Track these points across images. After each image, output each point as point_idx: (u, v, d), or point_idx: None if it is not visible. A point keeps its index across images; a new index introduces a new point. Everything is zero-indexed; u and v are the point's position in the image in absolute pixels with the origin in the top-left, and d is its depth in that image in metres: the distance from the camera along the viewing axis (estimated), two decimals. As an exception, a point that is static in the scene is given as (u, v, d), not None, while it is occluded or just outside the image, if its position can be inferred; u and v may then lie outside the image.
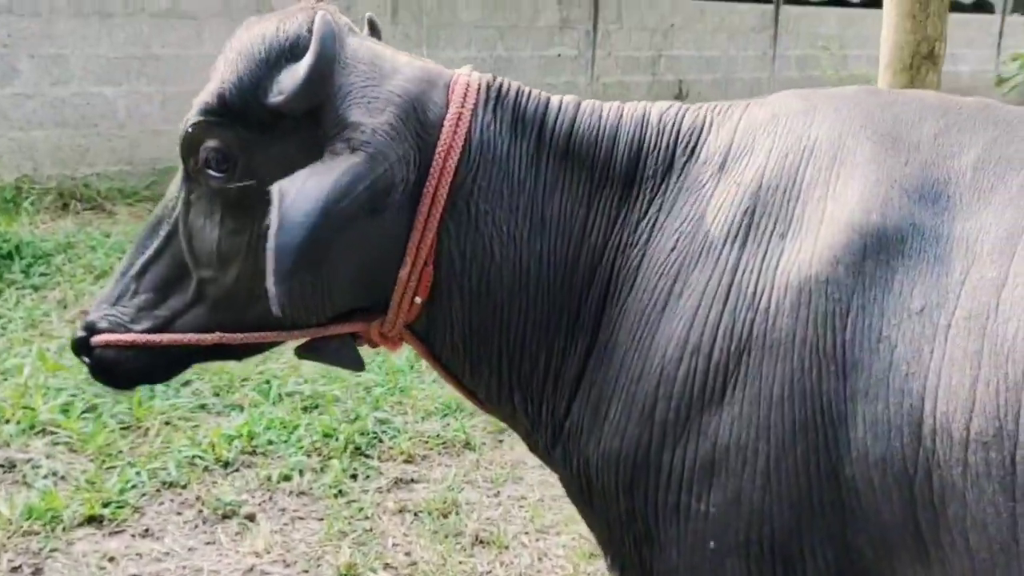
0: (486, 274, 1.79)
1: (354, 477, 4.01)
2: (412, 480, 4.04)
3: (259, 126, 1.76)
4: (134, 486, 3.80)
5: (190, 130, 1.81)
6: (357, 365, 1.95)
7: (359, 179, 1.65)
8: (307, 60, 1.68)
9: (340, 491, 3.88)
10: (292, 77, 1.70)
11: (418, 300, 1.80)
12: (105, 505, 3.65)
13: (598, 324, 1.75)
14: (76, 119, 8.26)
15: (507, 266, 1.79)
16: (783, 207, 1.57)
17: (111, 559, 3.40)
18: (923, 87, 2.80)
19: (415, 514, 3.77)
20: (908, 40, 2.83)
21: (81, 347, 1.95)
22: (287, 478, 3.95)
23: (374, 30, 2.03)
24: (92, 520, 3.60)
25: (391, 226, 1.75)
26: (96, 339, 1.92)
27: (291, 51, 1.75)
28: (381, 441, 4.29)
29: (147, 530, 3.59)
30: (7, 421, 4.13)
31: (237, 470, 4.02)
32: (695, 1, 14.28)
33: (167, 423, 4.26)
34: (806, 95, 1.72)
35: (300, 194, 1.62)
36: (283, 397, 4.56)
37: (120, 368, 1.94)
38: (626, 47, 12.54)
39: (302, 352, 1.93)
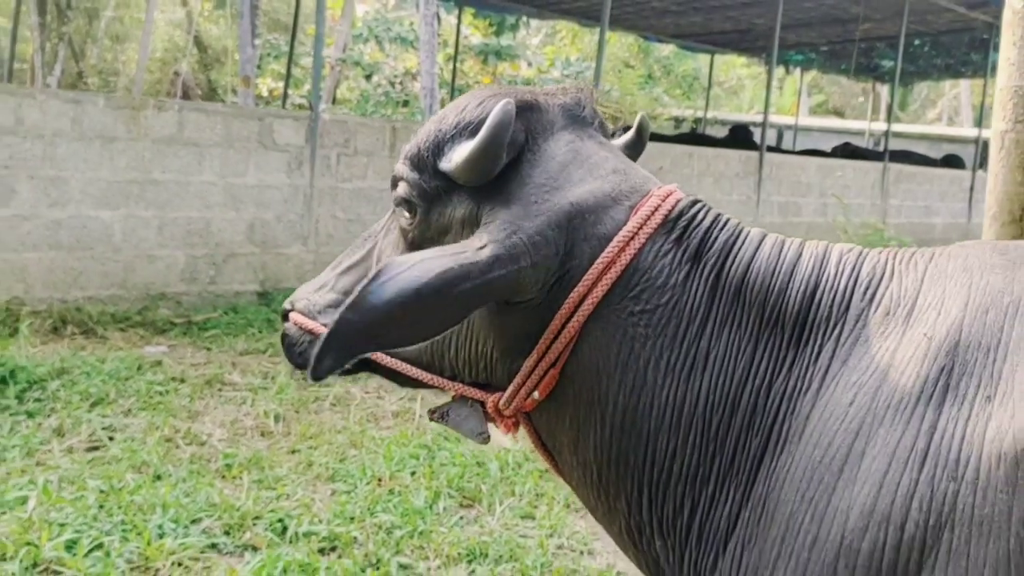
0: (634, 400, 1.68)
1: (379, 627, 3.77)
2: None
3: (438, 188, 1.83)
4: (146, 633, 3.54)
5: (397, 168, 1.91)
6: (480, 435, 1.92)
7: (467, 276, 1.62)
8: (473, 141, 1.73)
9: (366, 643, 3.63)
10: (460, 151, 1.76)
11: (536, 395, 1.76)
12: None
13: (755, 475, 1.60)
14: (71, 242, 8.13)
15: (660, 398, 1.67)
16: (988, 367, 1.42)
17: None
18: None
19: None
20: (1019, 192, 2.78)
21: (283, 316, 2.15)
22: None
23: (640, 133, 2.05)
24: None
25: (528, 320, 1.74)
26: (291, 315, 2.11)
27: (476, 128, 1.76)
28: (405, 588, 4.06)
29: None
30: (9, 558, 3.86)
31: (254, 617, 3.76)
32: (683, 146, 14.60)
33: (178, 564, 4.01)
34: (1002, 249, 1.60)
35: (398, 277, 1.59)
36: (299, 537, 4.32)
37: (296, 348, 2.08)
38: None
39: (433, 415, 1.97)
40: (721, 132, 21.42)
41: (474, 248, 1.66)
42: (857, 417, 1.48)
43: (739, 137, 18.27)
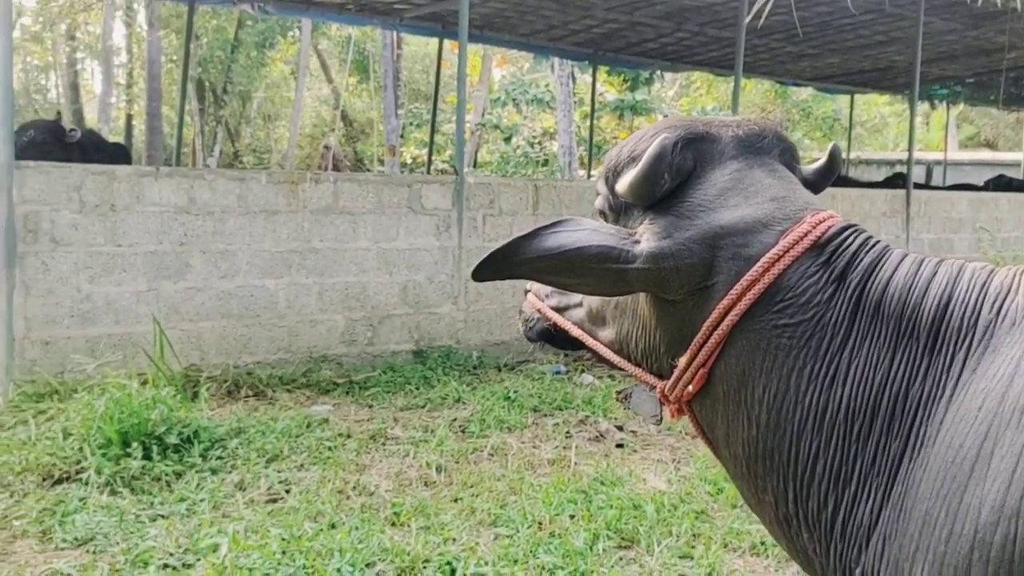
0: (778, 404, 1.85)
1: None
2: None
3: (620, 203, 2.14)
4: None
5: (597, 183, 2.25)
6: (653, 417, 2.24)
7: (615, 259, 1.94)
8: (632, 170, 2.02)
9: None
10: (626, 177, 2.04)
11: (690, 389, 2.00)
12: None
13: (895, 476, 1.73)
14: (240, 310, 8.68)
15: (803, 404, 1.83)
16: None
17: None
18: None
19: None
20: None
21: (525, 292, 2.56)
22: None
23: (832, 160, 2.24)
24: None
25: (684, 323, 2.00)
26: (528, 294, 2.53)
27: (640, 157, 2.05)
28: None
29: None
30: (205, 600, 4.20)
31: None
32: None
33: (357, 604, 4.28)
34: None
35: (564, 233, 1.98)
36: (466, 579, 4.54)
37: (528, 323, 2.52)
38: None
39: (619, 396, 2.45)
40: (866, 172, 21.01)
41: (631, 239, 1.98)
42: (986, 421, 1.60)
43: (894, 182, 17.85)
